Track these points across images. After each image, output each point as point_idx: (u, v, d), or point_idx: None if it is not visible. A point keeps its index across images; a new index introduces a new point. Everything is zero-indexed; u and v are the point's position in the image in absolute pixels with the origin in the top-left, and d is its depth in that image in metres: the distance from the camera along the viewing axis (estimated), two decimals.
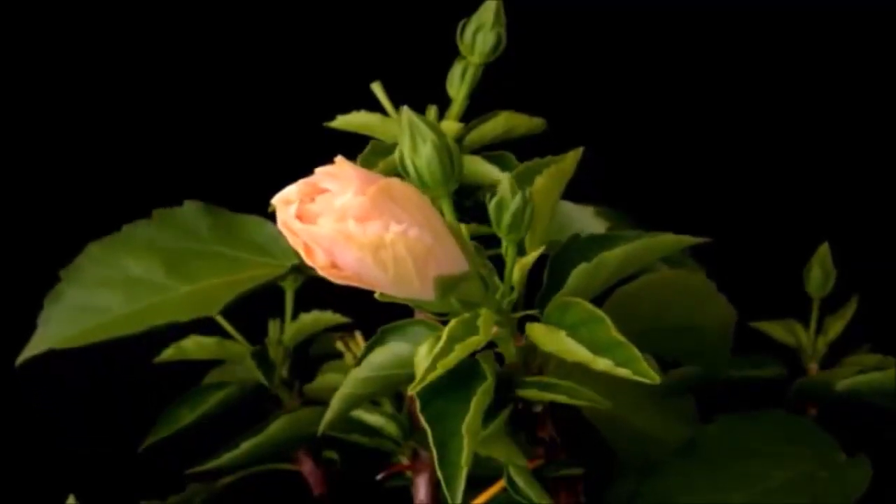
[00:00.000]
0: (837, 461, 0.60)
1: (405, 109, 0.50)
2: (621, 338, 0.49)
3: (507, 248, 0.52)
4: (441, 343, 0.50)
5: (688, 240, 0.55)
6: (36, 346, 0.62)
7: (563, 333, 0.50)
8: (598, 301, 0.56)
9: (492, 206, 0.51)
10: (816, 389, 0.67)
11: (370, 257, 0.46)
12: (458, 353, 0.50)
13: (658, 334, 0.61)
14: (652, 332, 0.60)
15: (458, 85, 0.62)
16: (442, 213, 0.51)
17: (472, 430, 0.50)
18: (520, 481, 0.58)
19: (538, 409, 0.57)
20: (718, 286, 0.60)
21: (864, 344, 0.73)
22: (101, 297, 0.62)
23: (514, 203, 0.50)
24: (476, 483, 0.61)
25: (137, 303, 0.62)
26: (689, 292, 0.60)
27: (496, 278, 0.52)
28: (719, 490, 0.58)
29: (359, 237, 0.46)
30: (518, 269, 0.52)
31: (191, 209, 0.65)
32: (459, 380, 0.51)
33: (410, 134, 0.49)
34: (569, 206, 0.63)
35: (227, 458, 0.71)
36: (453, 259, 0.49)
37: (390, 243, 0.46)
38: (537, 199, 0.52)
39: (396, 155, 0.50)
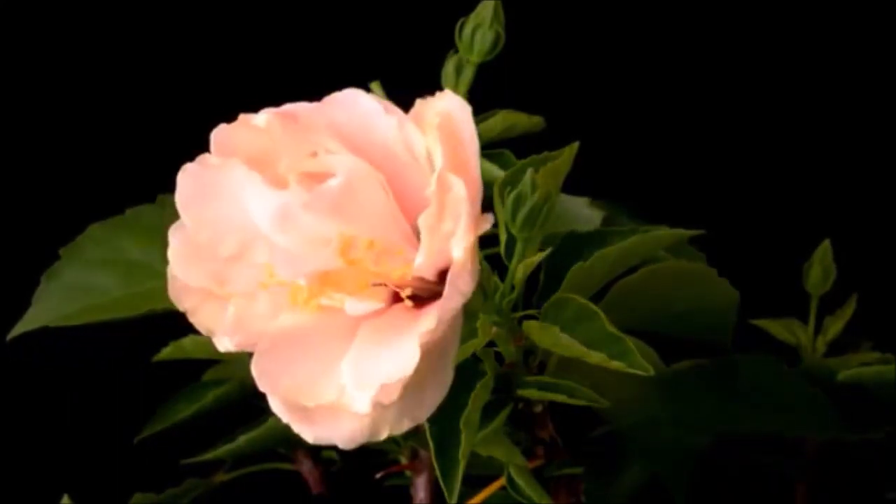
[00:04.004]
0: None
1: None
2: (615, 332, 0.49)
3: (513, 246, 0.51)
4: None
5: (682, 233, 0.55)
6: (30, 322, 0.61)
7: (557, 329, 0.50)
8: (602, 292, 0.56)
9: (510, 199, 0.50)
10: (819, 375, 0.67)
11: None
12: (457, 356, 0.49)
13: (663, 321, 0.61)
14: (656, 319, 0.60)
15: (454, 83, 0.62)
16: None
17: (470, 425, 0.50)
18: (520, 481, 0.57)
19: (538, 408, 0.57)
20: None
21: (866, 342, 0.73)
22: (99, 277, 0.62)
23: (534, 199, 0.49)
24: (476, 483, 0.61)
25: (135, 286, 0.62)
26: (690, 279, 0.60)
27: (495, 279, 0.52)
28: None
29: None
30: (521, 270, 0.52)
31: None
32: (459, 375, 0.50)
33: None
34: (563, 197, 0.63)
35: (224, 449, 0.71)
36: None
37: None
38: None
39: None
